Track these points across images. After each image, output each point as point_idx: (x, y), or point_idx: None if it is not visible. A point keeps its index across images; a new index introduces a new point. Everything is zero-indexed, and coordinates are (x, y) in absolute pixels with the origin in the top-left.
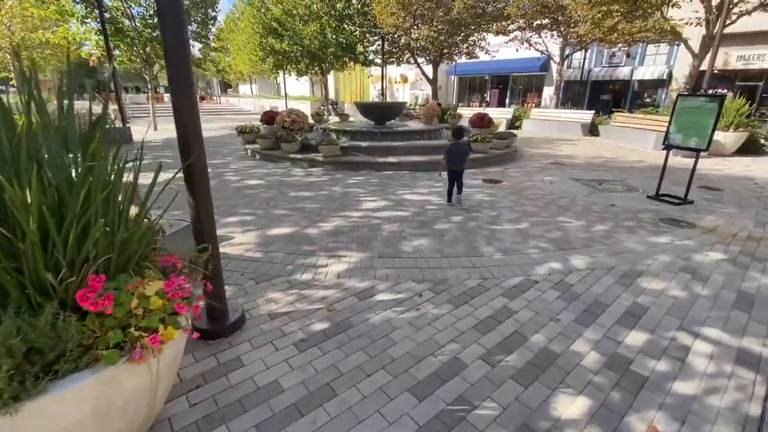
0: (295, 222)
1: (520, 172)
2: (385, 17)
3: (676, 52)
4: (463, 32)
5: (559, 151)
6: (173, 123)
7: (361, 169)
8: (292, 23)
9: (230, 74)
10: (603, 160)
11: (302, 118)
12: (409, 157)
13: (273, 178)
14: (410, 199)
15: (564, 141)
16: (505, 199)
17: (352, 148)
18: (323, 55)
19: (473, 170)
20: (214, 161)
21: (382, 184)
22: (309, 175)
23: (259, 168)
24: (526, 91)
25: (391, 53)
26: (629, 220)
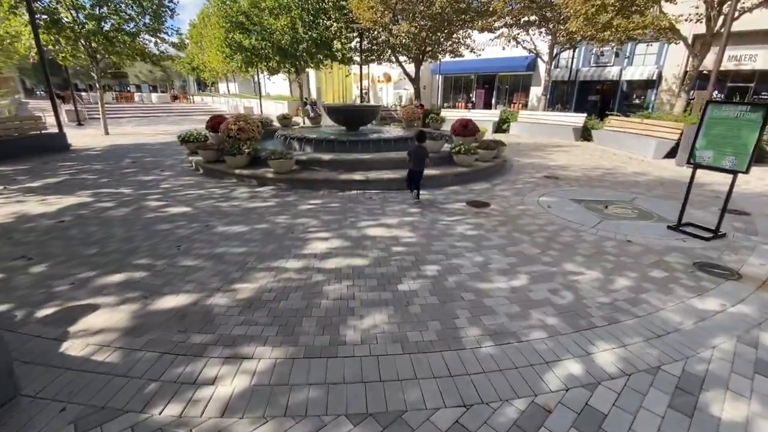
0: (201, 283)
1: (510, 190)
2: (362, 12)
3: (666, 52)
4: (446, 29)
5: (551, 161)
6: (141, 126)
7: (322, 187)
8: (259, 17)
9: (205, 72)
10: (602, 171)
11: (252, 125)
12: (380, 172)
13: (205, 204)
14: (374, 235)
15: (555, 147)
16: (494, 234)
17: (311, 162)
18: (295, 51)
19: (456, 188)
20: (146, 177)
21: (343, 210)
22: (254, 198)
23: (194, 188)
24: (513, 91)
25: (371, 51)
26: (656, 266)
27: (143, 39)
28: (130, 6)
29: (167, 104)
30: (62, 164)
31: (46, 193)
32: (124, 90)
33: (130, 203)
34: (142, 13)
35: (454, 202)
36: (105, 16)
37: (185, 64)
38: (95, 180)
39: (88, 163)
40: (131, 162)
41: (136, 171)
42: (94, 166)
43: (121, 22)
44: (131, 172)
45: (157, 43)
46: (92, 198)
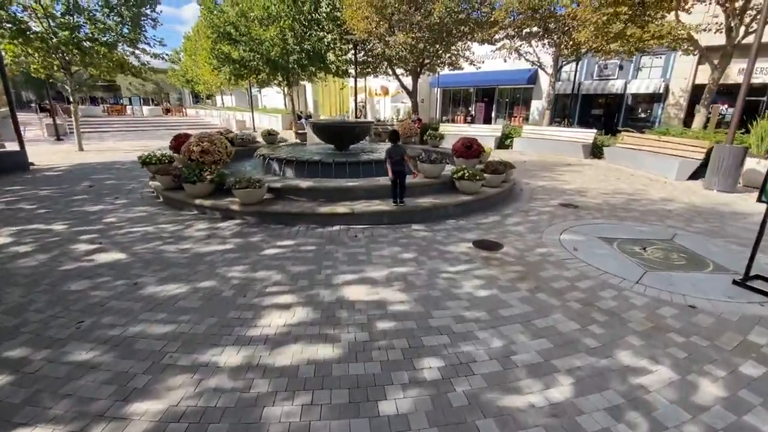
0: (80, 402)
1: (524, 224)
2: (356, 22)
3: (673, 64)
4: (445, 40)
5: (565, 183)
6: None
7: (298, 222)
8: (247, 27)
9: (199, 85)
10: (624, 197)
11: (219, 146)
12: (369, 203)
13: (147, 247)
14: (353, 298)
15: (565, 166)
16: (513, 295)
17: (287, 190)
18: (286, 63)
19: (459, 221)
20: (93, 208)
21: (319, 256)
22: (211, 237)
23: (143, 223)
24: (513, 104)
25: (367, 63)
26: (743, 353)
27: (124, 50)
28: (106, 15)
29: (159, 117)
30: (6, 189)
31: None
32: (117, 102)
33: (53, 247)
34: (120, 23)
35: (457, 242)
36: (78, 25)
37: (179, 76)
38: (31, 211)
39: (37, 187)
40: (88, 186)
41: (87, 198)
42: (42, 191)
43: (95, 31)
44: (80, 200)
45: (136, 54)
46: (10, 238)
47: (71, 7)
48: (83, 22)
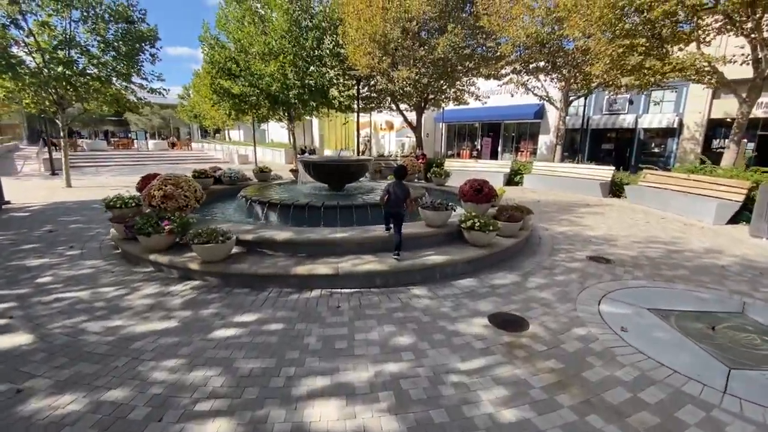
0: None
1: (550, 287)
2: (358, 57)
3: (686, 98)
4: (449, 75)
5: (588, 229)
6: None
7: (268, 285)
8: (246, 62)
9: (206, 120)
10: (662, 247)
11: (186, 190)
12: (359, 260)
13: (68, 325)
14: (320, 427)
15: (584, 207)
16: (553, 421)
17: (260, 242)
18: (286, 98)
19: (470, 282)
20: (34, 261)
21: (283, 345)
22: (153, 310)
23: (82, 285)
24: (520, 138)
25: (370, 98)
26: None
27: (120, 84)
28: (102, 50)
29: (162, 151)
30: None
31: None
32: (126, 136)
33: None
34: (116, 58)
35: (469, 316)
36: (72, 60)
37: (187, 111)
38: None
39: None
40: (48, 231)
41: (36, 248)
42: None
43: (88, 66)
44: (27, 250)
45: (132, 89)
46: None
47: (65, 42)
48: (77, 56)
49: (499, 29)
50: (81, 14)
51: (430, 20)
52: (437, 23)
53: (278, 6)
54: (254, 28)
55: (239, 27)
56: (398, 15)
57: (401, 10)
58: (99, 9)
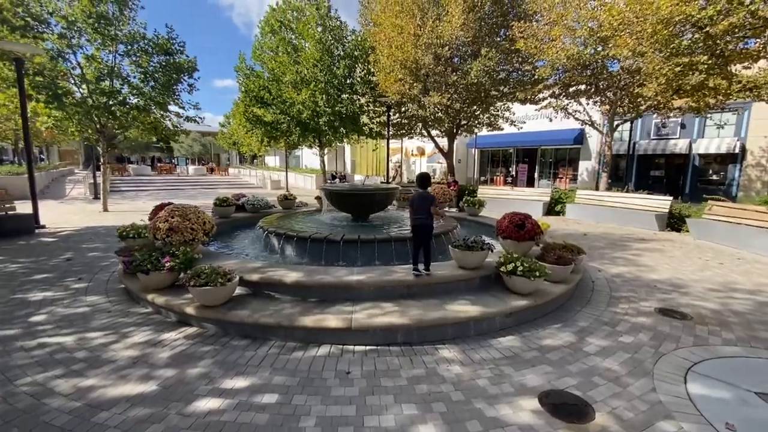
0: None
1: (616, 355)
2: (389, 84)
3: (748, 120)
4: (483, 100)
5: (649, 270)
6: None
7: (270, 337)
8: (277, 90)
9: (244, 146)
10: (749, 298)
11: (194, 222)
12: (377, 309)
13: (38, 382)
14: None
15: (639, 242)
16: None
17: (267, 284)
18: (316, 125)
19: (511, 341)
20: (39, 295)
21: (277, 422)
22: (136, 365)
23: (73, 327)
24: (558, 164)
25: (401, 125)
26: None
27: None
28: (142, 80)
29: (201, 176)
30: None
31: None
32: (170, 162)
33: None
34: (155, 88)
35: (514, 395)
36: (115, 90)
37: (226, 139)
38: None
39: (12, 258)
40: (65, 259)
41: (45, 279)
42: (13, 265)
43: (129, 96)
44: (36, 281)
45: (168, 117)
46: None
47: (109, 73)
48: (120, 87)
49: (537, 52)
50: (125, 47)
51: (463, 45)
52: (470, 48)
53: (311, 36)
54: (287, 57)
55: (273, 57)
56: (430, 41)
57: (433, 36)
58: (143, 42)
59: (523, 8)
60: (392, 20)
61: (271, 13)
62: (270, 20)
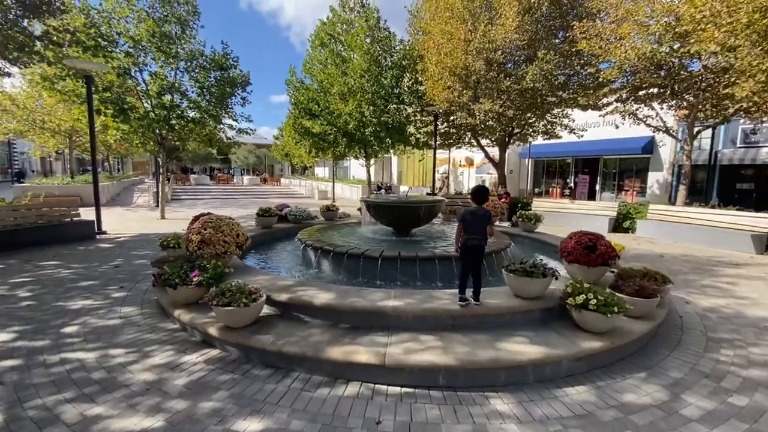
0: None
1: (729, 422)
2: (437, 92)
3: None
4: (539, 107)
5: (753, 304)
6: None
7: (295, 368)
8: (325, 102)
9: (295, 158)
10: None
11: (227, 234)
12: (418, 343)
13: (47, 405)
14: None
15: (731, 267)
16: None
17: (295, 306)
18: (362, 135)
19: (584, 396)
20: (78, 303)
21: None
22: (149, 392)
23: (101, 341)
24: (622, 176)
25: (448, 134)
26: None
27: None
28: (199, 94)
29: (254, 186)
30: (40, 264)
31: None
32: (228, 172)
33: None
34: (210, 101)
35: None
36: (175, 105)
37: (279, 150)
38: (14, 303)
39: (68, 263)
40: (114, 266)
41: (89, 286)
42: (66, 270)
43: (186, 109)
44: (81, 288)
45: (221, 129)
46: None
47: (169, 88)
48: (179, 101)
49: (601, 52)
50: (185, 64)
51: (518, 49)
52: (525, 52)
53: (359, 47)
54: (335, 69)
55: (322, 69)
56: (482, 46)
57: (485, 41)
58: (201, 59)
59: (585, 7)
60: (442, 27)
61: (321, 27)
62: (320, 33)
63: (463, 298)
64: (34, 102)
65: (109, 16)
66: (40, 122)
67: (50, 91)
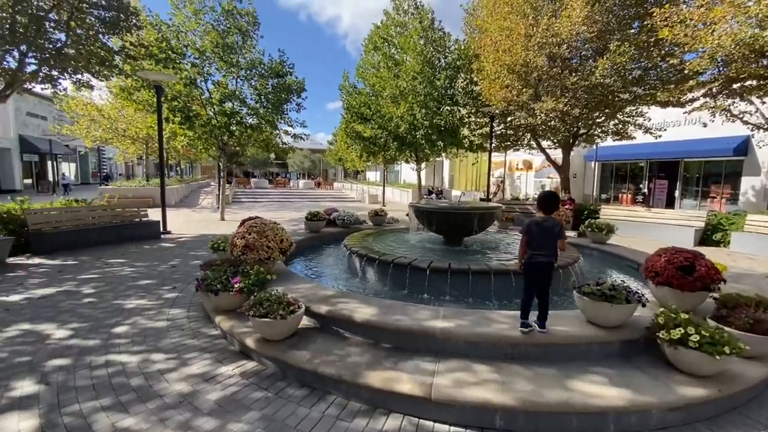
0: None
1: None
2: (495, 91)
3: None
4: (610, 104)
5: None
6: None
7: (331, 390)
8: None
9: (347, 162)
10: None
11: (270, 239)
12: (469, 374)
13: (84, 412)
14: None
15: None
16: None
17: (334, 319)
18: (413, 139)
19: None
20: (133, 303)
21: None
22: (179, 408)
23: (145, 344)
24: (708, 181)
25: (505, 136)
26: None
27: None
28: (256, 101)
29: (308, 190)
30: (109, 261)
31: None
32: (285, 176)
33: None
34: (269, 108)
35: None
36: (235, 111)
37: (333, 155)
38: (79, 299)
39: (132, 262)
40: (171, 266)
41: (149, 284)
42: (130, 268)
43: (245, 116)
44: (138, 286)
45: (277, 134)
46: None
47: (230, 96)
48: (238, 108)
49: (688, 41)
50: (245, 73)
51: (586, 42)
52: (593, 45)
53: (412, 48)
54: (388, 72)
55: (375, 73)
56: (544, 40)
57: (548, 35)
58: (260, 68)
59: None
60: (500, 23)
61: (374, 31)
62: (373, 37)
63: (526, 324)
64: (117, 112)
65: (177, 30)
66: (121, 130)
67: (128, 101)
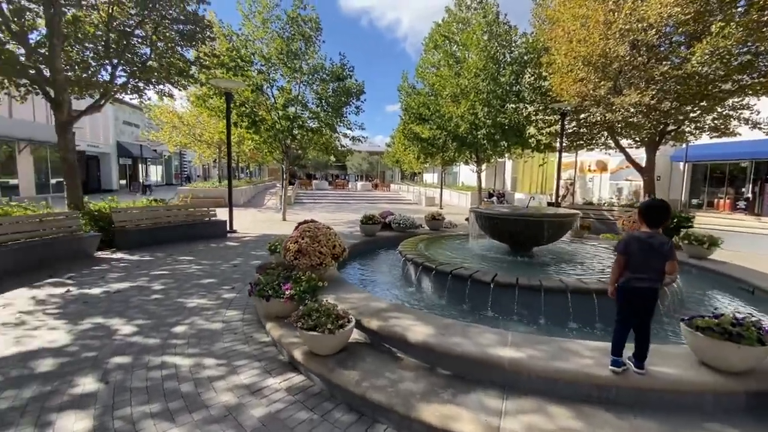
0: None
1: None
2: (567, 86)
3: None
4: (709, 95)
5: None
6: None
7: (380, 419)
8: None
9: (405, 164)
10: None
11: (323, 244)
12: (543, 417)
13: (128, 415)
14: None
15: None
16: None
17: (386, 337)
18: (473, 139)
19: None
20: (194, 302)
21: None
22: (223, 422)
23: (199, 347)
24: None
25: (578, 134)
26: None
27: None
28: (317, 105)
29: (366, 191)
30: (179, 258)
31: (50, 313)
32: (344, 178)
33: (53, 377)
34: (329, 111)
35: None
36: (297, 115)
37: (390, 157)
38: (148, 295)
39: (199, 260)
40: (233, 265)
41: (210, 283)
42: (196, 266)
43: (306, 120)
44: (200, 285)
45: (336, 137)
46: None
47: (293, 100)
48: (300, 112)
49: None
50: (308, 78)
51: (679, 25)
52: (688, 28)
53: (474, 44)
54: (448, 71)
55: (435, 72)
56: (628, 26)
57: (633, 20)
58: (322, 73)
59: None
60: (574, 11)
61: (435, 29)
62: (434, 36)
63: (618, 361)
64: (195, 119)
65: (246, 38)
66: (198, 135)
67: (202, 108)
